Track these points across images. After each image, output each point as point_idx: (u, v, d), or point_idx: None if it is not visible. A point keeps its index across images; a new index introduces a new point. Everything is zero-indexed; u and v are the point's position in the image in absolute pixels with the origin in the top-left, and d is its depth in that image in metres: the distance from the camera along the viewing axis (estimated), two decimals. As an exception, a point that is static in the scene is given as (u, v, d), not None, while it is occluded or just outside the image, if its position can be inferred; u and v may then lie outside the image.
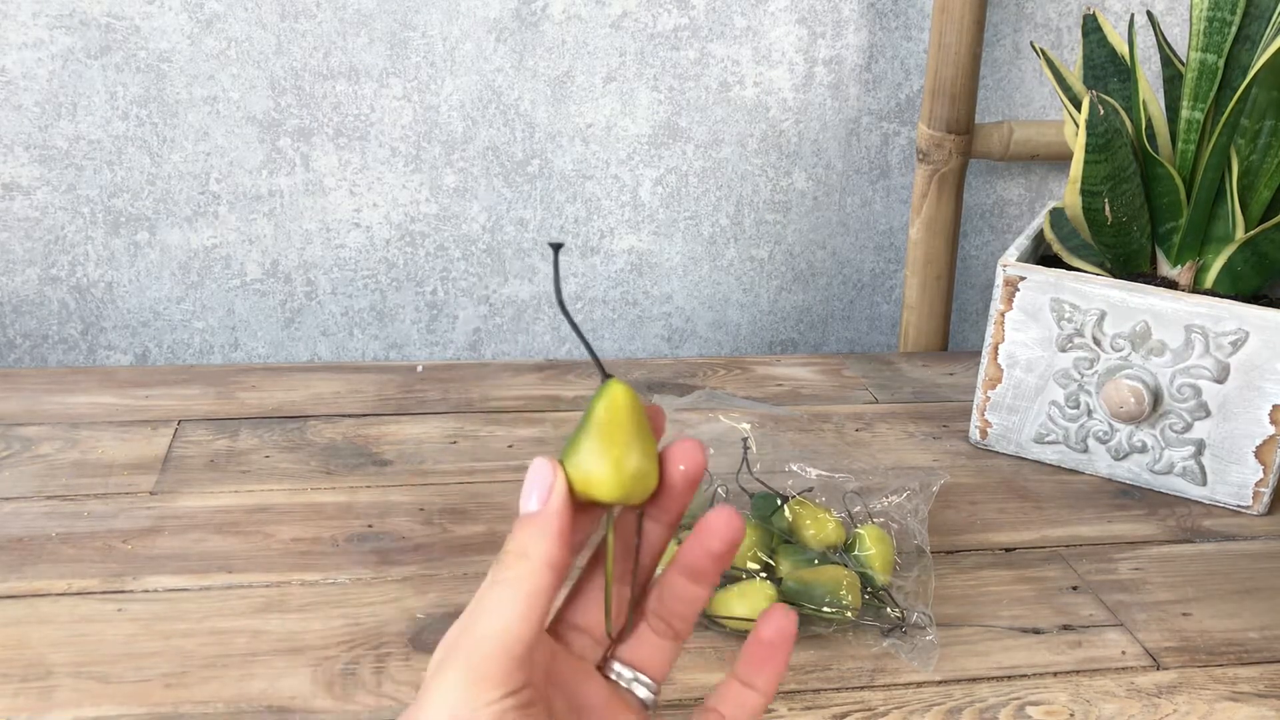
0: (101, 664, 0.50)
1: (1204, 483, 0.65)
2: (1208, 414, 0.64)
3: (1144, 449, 0.66)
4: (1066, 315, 0.65)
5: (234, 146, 0.79)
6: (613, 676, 0.35)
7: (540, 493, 0.32)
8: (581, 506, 0.33)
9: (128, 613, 0.53)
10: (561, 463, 0.32)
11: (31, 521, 0.59)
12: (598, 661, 0.35)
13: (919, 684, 0.51)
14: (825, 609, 0.52)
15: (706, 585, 0.34)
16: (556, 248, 0.30)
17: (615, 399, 0.31)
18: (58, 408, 0.71)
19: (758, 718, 0.34)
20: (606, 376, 0.32)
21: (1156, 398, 0.64)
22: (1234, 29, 0.62)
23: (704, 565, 0.33)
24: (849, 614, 0.53)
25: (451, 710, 0.29)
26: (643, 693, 0.35)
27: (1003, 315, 0.67)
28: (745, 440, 0.61)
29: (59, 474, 0.64)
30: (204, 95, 0.77)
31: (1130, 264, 0.68)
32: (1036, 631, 0.55)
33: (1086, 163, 0.62)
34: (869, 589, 0.54)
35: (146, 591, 0.54)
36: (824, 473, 0.60)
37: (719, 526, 0.33)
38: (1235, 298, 0.65)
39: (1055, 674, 0.52)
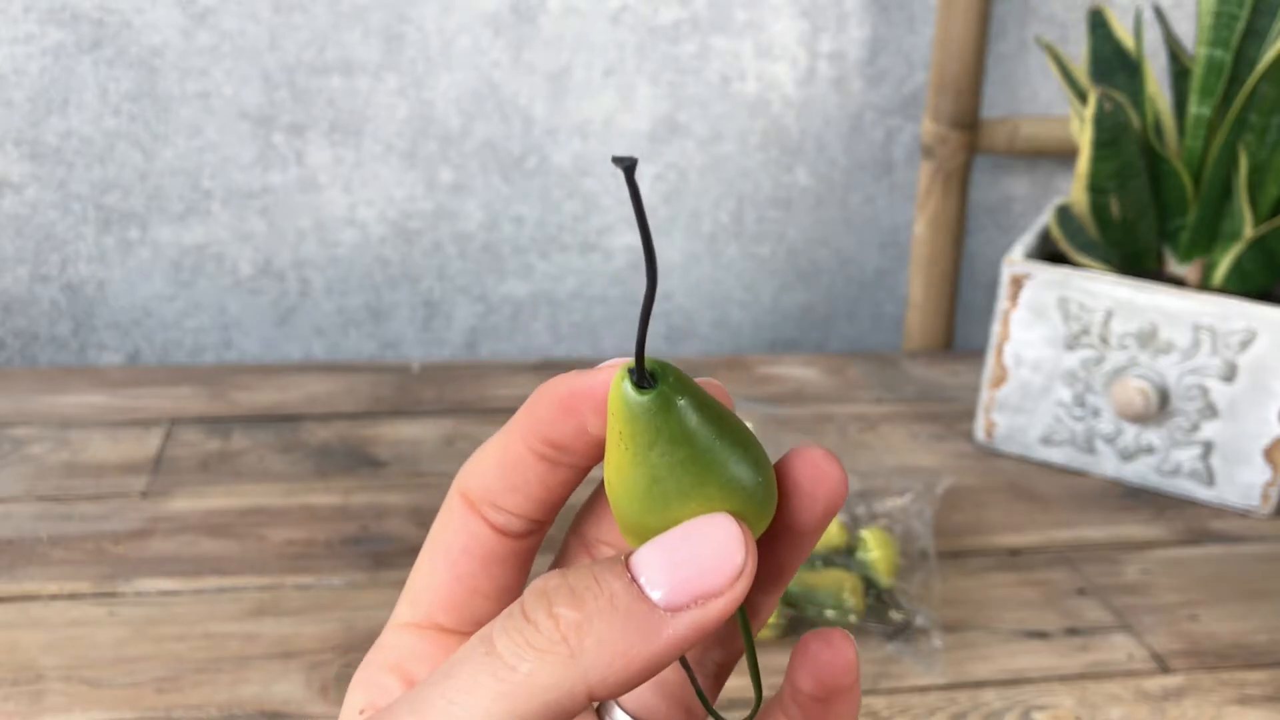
0: (92, 668, 0.49)
1: (1212, 484, 0.65)
2: (1216, 414, 0.63)
3: (1151, 450, 0.65)
4: (1073, 314, 0.64)
5: (227, 143, 0.78)
6: None
7: (712, 580, 0.18)
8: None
9: (119, 616, 0.52)
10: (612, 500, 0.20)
11: (21, 523, 0.58)
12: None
13: (923, 689, 0.50)
14: (828, 613, 0.51)
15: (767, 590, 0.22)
16: (629, 169, 0.18)
17: (694, 388, 0.20)
18: (48, 408, 0.70)
19: None
20: (649, 376, 0.20)
21: (1164, 397, 0.63)
22: (1242, 24, 0.61)
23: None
24: (852, 618, 0.52)
25: None
26: None
27: (1008, 314, 0.66)
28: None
29: (49, 475, 0.63)
30: (196, 90, 0.76)
31: (1138, 261, 0.67)
32: (1042, 635, 0.54)
33: (1093, 159, 0.61)
34: (873, 592, 0.54)
35: (138, 594, 0.54)
36: (827, 474, 0.59)
37: (814, 473, 0.20)
38: (1244, 295, 0.64)
39: (1061, 678, 0.51)
